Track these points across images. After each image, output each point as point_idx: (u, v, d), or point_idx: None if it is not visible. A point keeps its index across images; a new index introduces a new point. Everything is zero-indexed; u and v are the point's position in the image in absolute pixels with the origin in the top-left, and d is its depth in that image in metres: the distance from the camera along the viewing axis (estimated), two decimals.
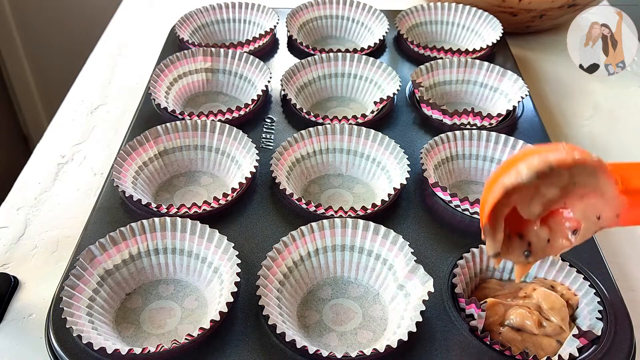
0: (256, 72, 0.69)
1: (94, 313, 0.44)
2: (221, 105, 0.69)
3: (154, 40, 0.83)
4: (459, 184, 0.59)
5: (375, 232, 0.49)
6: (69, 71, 0.87)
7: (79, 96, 0.76)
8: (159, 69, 0.67)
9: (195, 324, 0.46)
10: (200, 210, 0.53)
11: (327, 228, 0.49)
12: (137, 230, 0.48)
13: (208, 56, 0.70)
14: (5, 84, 1.42)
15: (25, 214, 0.59)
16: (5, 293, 0.50)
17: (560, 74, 0.80)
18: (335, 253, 0.49)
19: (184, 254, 0.49)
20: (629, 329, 0.44)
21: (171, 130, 0.59)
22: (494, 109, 0.68)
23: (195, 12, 0.79)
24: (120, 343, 0.43)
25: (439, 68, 0.69)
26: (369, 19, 0.80)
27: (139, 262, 0.49)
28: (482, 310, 0.43)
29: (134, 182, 0.55)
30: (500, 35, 0.75)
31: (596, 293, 0.46)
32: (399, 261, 0.47)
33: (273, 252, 0.47)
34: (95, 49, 0.86)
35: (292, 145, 0.58)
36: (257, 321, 0.45)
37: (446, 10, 0.80)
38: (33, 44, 1.41)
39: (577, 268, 0.48)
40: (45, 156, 0.66)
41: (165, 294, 0.48)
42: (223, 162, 0.59)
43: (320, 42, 0.81)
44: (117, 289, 0.47)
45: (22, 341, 0.47)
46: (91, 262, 0.46)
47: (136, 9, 0.97)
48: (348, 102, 0.70)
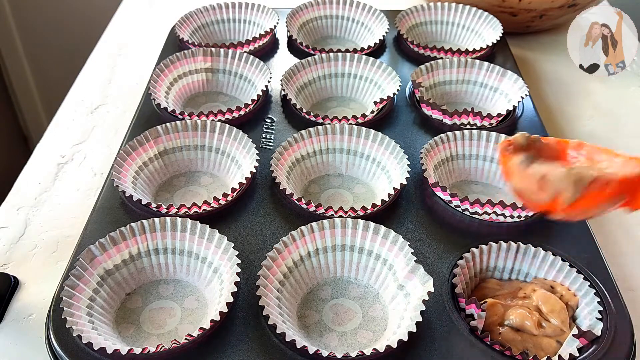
0: (256, 72, 0.69)
1: (94, 313, 0.44)
2: (221, 105, 0.69)
3: (154, 40, 0.83)
4: (459, 184, 0.59)
5: (375, 232, 0.49)
6: (69, 71, 0.87)
7: (79, 96, 0.76)
8: (159, 69, 0.67)
9: (195, 324, 0.46)
10: (200, 210, 0.53)
11: (327, 228, 0.49)
12: (137, 230, 0.48)
13: (208, 56, 0.70)
14: (5, 84, 1.42)
15: (25, 214, 0.59)
16: (5, 293, 0.50)
17: (560, 74, 0.80)
18: (335, 253, 0.49)
19: (184, 254, 0.49)
20: (629, 329, 0.44)
21: (171, 130, 0.59)
22: (494, 109, 0.68)
23: (195, 12, 0.79)
24: (120, 343, 0.43)
25: (439, 68, 0.69)
26: (369, 19, 0.80)
27: (139, 262, 0.49)
28: (482, 310, 0.43)
29: (134, 182, 0.55)
30: (500, 35, 0.75)
31: (596, 293, 0.46)
32: (399, 261, 0.47)
33: (273, 252, 0.47)
34: (95, 49, 0.86)
35: (292, 145, 0.58)
36: (257, 321, 0.45)
37: (446, 10, 0.80)
38: (33, 44, 1.41)
39: (577, 268, 0.48)
40: (45, 156, 0.66)
41: (165, 294, 0.48)
42: (223, 162, 0.59)
43: (320, 42, 0.81)
44: (117, 289, 0.47)
45: (22, 341, 0.47)
46: (91, 262, 0.46)
47: (136, 9, 0.97)
48: (348, 102, 0.70)
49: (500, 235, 0.51)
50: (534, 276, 0.49)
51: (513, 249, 0.49)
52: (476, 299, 0.44)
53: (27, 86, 1.45)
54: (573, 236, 0.52)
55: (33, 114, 1.48)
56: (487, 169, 0.59)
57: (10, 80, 1.42)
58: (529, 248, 0.49)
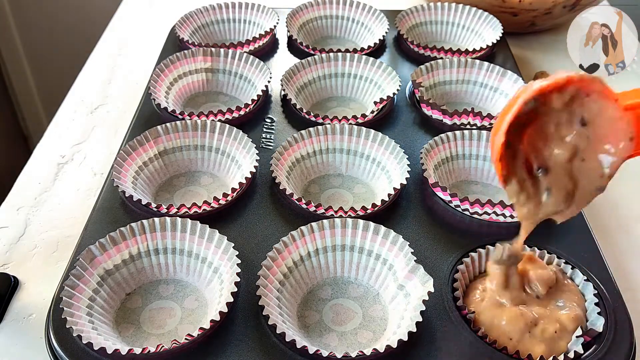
0: (256, 72, 0.69)
1: (94, 313, 0.44)
2: (221, 105, 0.69)
3: (154, 40, 0.83)
4: (459, 184, 0.59)
5: (375, 232, 0.49)
6: (69, 71, 0.87)
7: (79, 96, 0.76)
8: (159, 69, 0.67)
9: (195, 324, 0.46)
10: (200, 210, 0.53)
11: (327, 228, 0.49)
12: (137, 230, 0.48)
13: (208, 56, 0.70)
14: (5, 84, 1.42)
15: (25, 214, 0.59)
16: (5, 293, 0.50)
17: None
18: (335, 253, 0.49)
19: (184, 254, 0.49)
20: (629, 328, 0.44)
21: (171, 130, 0.59)
22: (494, 109, 0.68)
23: (195, 12, 0.79)
24: (120, 343, 0.43)
25: (439, 68, 0.69)
26: (369, 19, 0.80)
27: (139, 262, 0.49)
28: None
29: (134, 182, 0.55)
30: (500, 35, 0.75)
31: (596, 293, 0.46)
32: (398, 261, 0.47)
33: (273, 252, 0.47)
34: (95, 49, 0.86)
35: (292, 145, 0.58)
36: (257, 321, 0.45)
37: (446, 10, 0.80)
38: (33, 44, 1.41)
39: (577, 267, 0.48)
40: (45, 156, 0.66)
41: (165, 294, 0.48)
42: (223, 162, 0.59)
43: (320, 42, 0.81)
44: (117, 289, 0.47)
45: (22, 341, 0.47)
46: (91, 262, 0.46)
47: (136, 8, 0.97)
48: (348, 102, 0.70)
49: (500, 236, 0.51)
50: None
51: None
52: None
53: (27, 86, 1.45)
54: (573, 236, 0.52)
55: (33, 114, 1.48)
56: (487, 169, 0.59)
57: (10, 80, 1.42)
58: (525, 249, 0.49)
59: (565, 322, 0.43)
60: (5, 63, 1.40)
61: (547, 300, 0.45)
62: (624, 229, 0.58)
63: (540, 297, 0.45)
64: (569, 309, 0.44)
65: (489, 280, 0.44)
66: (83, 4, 1.39)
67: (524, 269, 0.46)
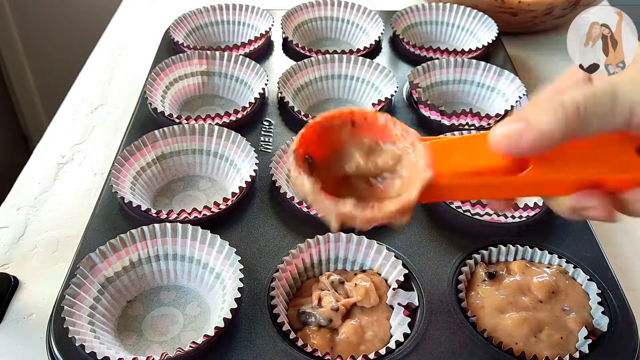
0: (252, 75, 0.68)
1: (95, 322, 0.44)
2: (218, 108, 0.69)
3: (154, 40, 0.82)
4: None
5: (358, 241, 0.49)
6: (69, 71, 0.87)
7: (79, 96, 0.75)
8: (155, 72, 0.66)
9: (198, 331, 0.45)
10: (200, 216, 0.52)
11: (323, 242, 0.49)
12: (137, 237, 0.48)
13: (204, 59, 0.69)
14: (5, 84, 1.41)
15: (25, 214, 0.58)
16: (5, 293, 0.50)
17: (560, 74, 0.79)
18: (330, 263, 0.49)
19: (185, 260, 0.49)
20: (632, 328, 0.44)
21: (169, 134, 0.58)
22: (492, 109, 0.68)
23: (189, 14, 0.78)
24: (123, 352, 0.43)
25: (436, 68, 0.69)
26: (363, 21, 0.79)
27: (140, 268, 0.48)
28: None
29: (132, 187, 0.55)
30: (496, 35, 0.75)
31: (600, 292, 0.46)
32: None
33: (289, 257, 0.47)
34: (95, 49, 0.85)
35: None
36: (261, 327, 0.44)
37: (441, 10, 0.80)
38: (33, 44, 1.40)
39: (579, 267, 0.48)
40: (45, 156, 0.66)
41: (166, 300, 0.48)
42: (222, 166, 0.59)
43: (315, 44, 0.81)
44: (118, 297, 0.47)
45: (22, 341, 0.47)
46: (92, 269, 0.46)
47: (136, 8, 0.96)
48: (345, 104, 0.70)
49: (501, 236, 0.51)
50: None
51: (512, 252, 0.49)
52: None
53: (27, 86, 1.44)
54: (574, 236, 0.52)
55: (33, 114, 1.48)
56: None
57: (10, 80, 1.41)
58: (527, 250, 0.49)
59: (572, 328, 0.43)
60: (5, 63, 1.39)
61: (551, 304, 0.45)
62: (625, 229, 0.58)
63: (543, 301, 0.45)
64: (575, 314, 0.44)
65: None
66: (83, 4, 1.38)
67: (524, 279, 0.46)
